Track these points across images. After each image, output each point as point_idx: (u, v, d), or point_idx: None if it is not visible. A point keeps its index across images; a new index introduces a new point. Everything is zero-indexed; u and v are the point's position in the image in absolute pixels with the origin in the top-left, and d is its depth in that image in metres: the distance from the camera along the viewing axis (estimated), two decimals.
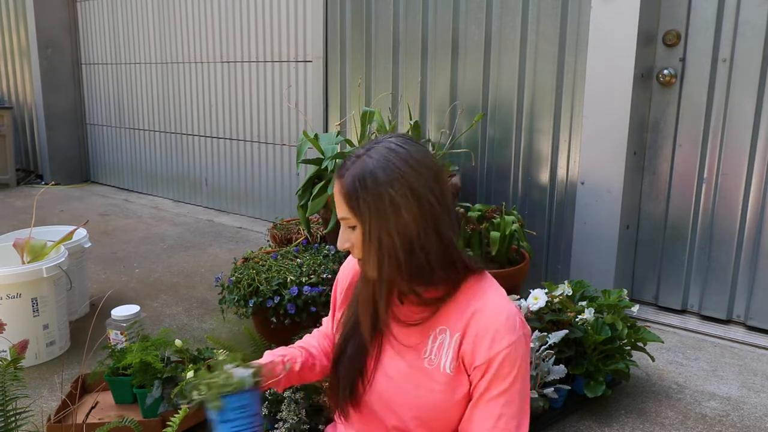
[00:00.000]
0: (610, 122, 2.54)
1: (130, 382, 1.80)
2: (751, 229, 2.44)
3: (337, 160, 2.46)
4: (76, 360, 2.27)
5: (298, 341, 1.37)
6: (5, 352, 1.61)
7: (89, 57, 5.40)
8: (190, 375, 1.75)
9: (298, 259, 2.34)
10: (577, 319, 1.97)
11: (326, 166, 2.49)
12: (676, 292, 2.65)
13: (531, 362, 1.78)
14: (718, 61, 2.42)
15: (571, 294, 2.11)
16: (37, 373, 2.17)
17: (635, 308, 2.08)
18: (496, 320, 1.07)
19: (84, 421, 1.71)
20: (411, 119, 2.95)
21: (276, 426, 1.65)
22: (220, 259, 3.44)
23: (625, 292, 2.15)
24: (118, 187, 5.44)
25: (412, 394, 1.12)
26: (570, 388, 1.87)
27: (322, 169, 2.51)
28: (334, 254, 2.39)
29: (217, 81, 4.36)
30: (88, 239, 2.66)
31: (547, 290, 2.04)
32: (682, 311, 2.66)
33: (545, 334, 1.85)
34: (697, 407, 1.95)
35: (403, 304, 1.16)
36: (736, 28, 2.35)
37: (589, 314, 1.97)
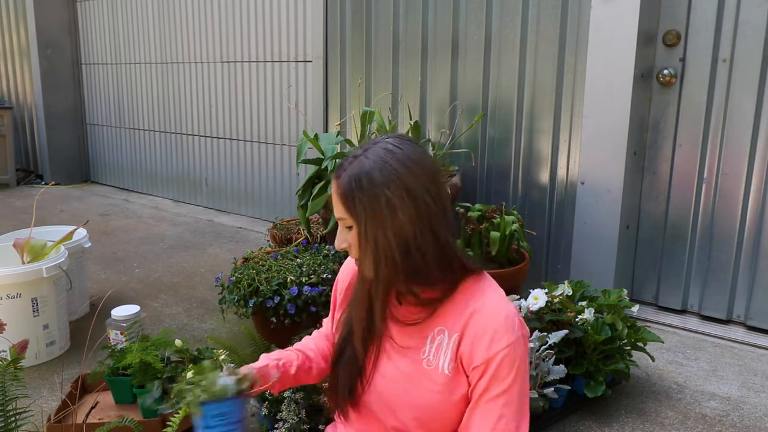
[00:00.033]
0: (610, 122, 2.54)
1: (130, 382, 1.80)
2: (751, 229, 2.44)
3: (337, 160, 2.46)
4: (76, 360, 2.27)
5: (296, 344, 1.37)
6: (5, 352, 1.61)
7: (89, 57, 5.40)
8: (189, 375, 1.75)
9: (298, 259, 2.34)
10: (577, 319, 1.97)
11: (326, 166, 2.49)
12: (676, 292, 2.65)
13: (531, 362, 1.78)
14: (718, 61, 2.42)
15: (571, 294, 2.11)
16: (37, 373, 2.17)
17: (635, 308, 2.08)
18: (495, 320, 1.06)
19: (84, 421, 1.71)
20: (411, 119, 2.95)
21: (276, 426, 1.65)
22: (220, 259, 3.44)
23: (625, 292, 2.15)
24: (118, 187, 5.44)
25: (411, 394, 1.12)
26: (570, 388, 1.87)
27: (322, 169, 2.51)
28: (334, 254, 2.39)
29: (217, 81, 4.36)
30: (88, 239, 2.66)
31: (547, 290, 2.04)
32: (682, 311, 2.66)
33: (545, 334, 1.85)
34: (697, 407, 1.95)
35: (401, 305, 1.16)
36: (736, 28, 2.35)
37: (589, 314, 1.97)
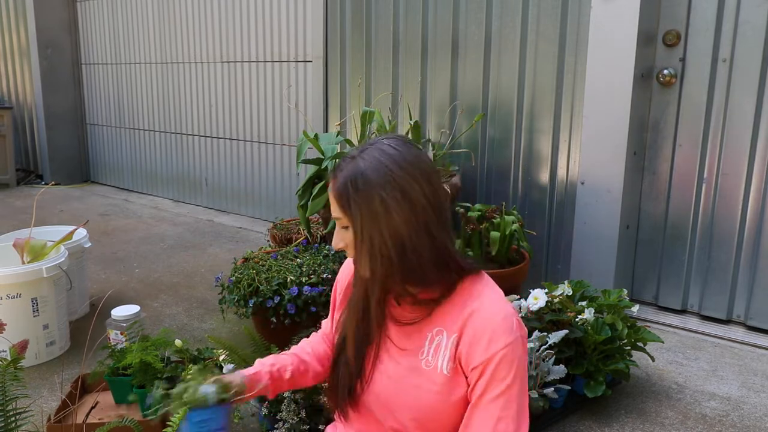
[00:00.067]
0: (610, 122, 2.54)
1: (130, 382, 1.80)
2: (751, 229, 2.44)
3: (337, 160, 2.46)
4: (76, 360, 2.27)
5: (293, 347, 1.38)
6: (5, 352, 1.61)
7: (89, 57, 5.40)
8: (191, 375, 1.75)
9: (298, 259, 2.34)
10: (577, 319, 1.97)
11: (326, 166, 2.49)
12: (676, 292, 2.65)
13: (531, 362, 1.78)
14: (718, 61, 2.42)
15: (571, 294, 2.11)
16: (37, 373, 2.17)
17: (635, 308, 2.08)
18: (493, 321, 1.06)
19: (84, 421, 1.71)
20: (411, 119, 2.95)
21: (276, 426, 1.65)
22: (220, 259, 3.44)
23: (625, 292, 2.15)
24: (118, 187, 5.44)
25: (410, 395, 1.12)
26: (570, 388, 1.87)
27: (322, 169, 2.51)
28: (334, 254, 2.39)
29: (217, 81, 4.36)
30: (88, 239, 2.66)
31: (547, 290, 2.04)
32: (682, 311, 2.66)
33: (545, 334, 1.85)
34: (697, 407, 1.95)
35: (400, 306, 1.16)
36: (736, 28, 2.35)
37: (589, 314, 1.97)
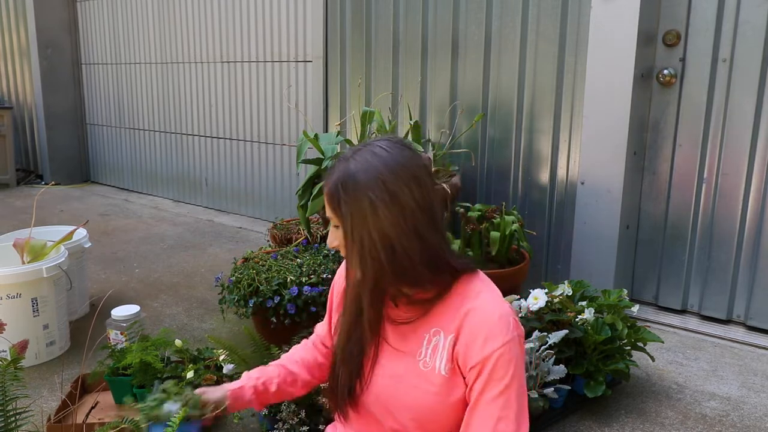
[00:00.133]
0: (610, 122, 2.54)
1: (130, 382, 1.80)
2: (751, 229, 2.44)
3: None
4: (76, 360, 2.27)
5: (283, 356, 1.40)
6: (5, 352, 1.61)
7: (89, 57, 5.40)
8: (191, 375, 1.76)
9: (298, 259, 2.34)
10: (577, 319, 1.97)
11: (326, 166, 2.49)
12: (676, 292, 2.65)
13: (531, 362, 1.78)
14: (718, 61, 2.42)
15: (571, 294, 2.11)
16: (37, 373, 2.17)
17: (635, 308, 2.08)
18: (489, 320, 1.06)
19: (84, 421, 1.71)
20: (411, 119, 2.95)
21: (275, 426, 1.65)
22: (220, 259, 3.44)
23: (625, 292, 2.14)
24: (118, 187, 5.44)
25: (409, 396, 1.12)
26: (570, 388, 1.87)
27: (322, 169, 2.51)
28: (334, 254, 2.39)
29: (217, 81, 4.36)
30: (88, 239, 2.66)
31: (547, 290, 2.04)
32: (682, 311, 2.66)
33: (545, 334, 1.85)
34: (697, 407, 1.95)
35: (397, 307, 1.16)
36: (736, 28, 2.35)
37: (589, 314, 1.97)
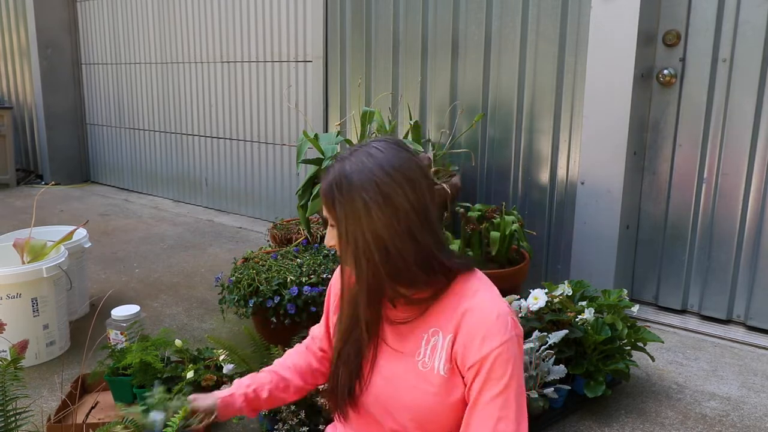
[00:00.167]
0: (610, 122, 2.54)
1: (130, 382, 1.80)
2: (751, 229, 2.44)
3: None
4: (76, 360, 2.27)
5: (275, 361, 1.40)
6: (5, 352, 1.61)
7: (89, 57, 5.40)
8: (191, 375, 1.76)
9: (298, 259, 2.34)
10: (577, 319, 1.97)
11: (326, 166, 2.49)
12: (676, 292, 2.65)
13: (531, 362, 1.78)
14: (718, 61, 2.42)
15: (571, 294, 2.11)
16: (37, 373, 2.17)
17: (635, 308, 2.08)
18: (487, 319, 1.06)
19: (84, 421, 1.71)
20: (411, 119, 2.95)
21: (275, 426, 1.65)
22: (220, 259, 3.44)
23: (625, 292, 2.14)
24: (118, 187, 5.44)
25: (408, 396, 1.12)
26: (570, 388, 1.87)
27: (322, 169, 2.51)
28: (334, 254, 2.39)
29: (217, 81, 4.36)
30: (88, 239, 2.66)
31: (547, 290, 2.04)
32: (682, 311, 2.66)
33: (545, 334, 1.85)
34: (697, 407, 1.95)
35: (396, 307, 1.16)
36: (736, 28, 2.35)
37: (589, 314, 1.97)
